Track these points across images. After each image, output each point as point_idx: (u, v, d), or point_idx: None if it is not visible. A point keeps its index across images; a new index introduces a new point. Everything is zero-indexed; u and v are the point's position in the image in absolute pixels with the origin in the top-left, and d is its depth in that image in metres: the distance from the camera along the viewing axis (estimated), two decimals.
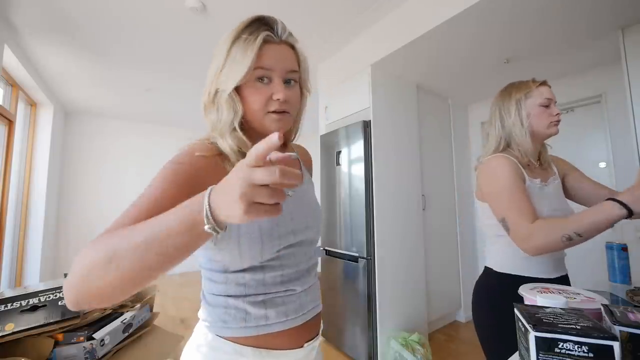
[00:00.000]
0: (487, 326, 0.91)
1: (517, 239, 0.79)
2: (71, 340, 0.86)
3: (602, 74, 2.16)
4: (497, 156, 0.90)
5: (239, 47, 0.51)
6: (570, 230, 0.71)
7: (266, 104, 0.52)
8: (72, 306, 0.38)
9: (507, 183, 0.84)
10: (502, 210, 0.84)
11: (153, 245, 0.34)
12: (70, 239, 3.81)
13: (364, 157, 2.05)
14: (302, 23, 2.02)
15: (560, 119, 0.92)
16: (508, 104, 0.94)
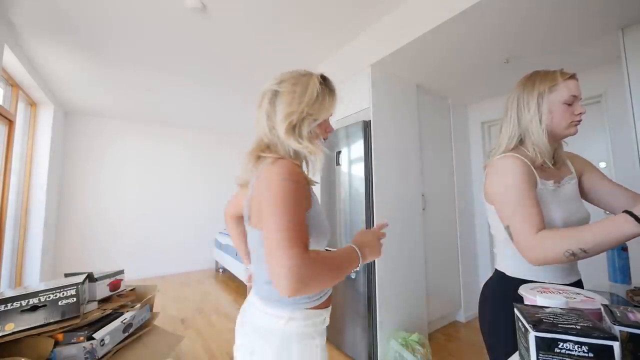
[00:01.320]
0: (497, 334, 0.85)
1: (519, 248, 0.75)
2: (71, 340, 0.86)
3: (602, 74, 2.15)
4: (507, 156, 0.82)
5: (331, 97, 0.74)
6: (575, 246, 0.66)
7: (326, 132, 0.77)
8: (290, 290, 0.53)
9: (514, 189, 0.77)
10: (507, 217, 0.78)
11: (341, 272, 0.63)
12: (70, 239, 3.81)
13: (364, 157, 2.05)
14: (302, 23, 2.02)
15: (582, 119, 0.82)
16: (529, 96, 0.84)
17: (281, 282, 0.52)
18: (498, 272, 0.91)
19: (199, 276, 4.37)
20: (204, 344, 2.29)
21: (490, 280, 0.93)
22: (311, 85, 0.70)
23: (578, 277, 0.86)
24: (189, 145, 4.83)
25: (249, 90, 3.21)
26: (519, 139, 0.86)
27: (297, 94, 0.69)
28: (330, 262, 0.60)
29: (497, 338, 0.85)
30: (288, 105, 0.68)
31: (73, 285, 0.92)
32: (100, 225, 4.03)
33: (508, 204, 0.78)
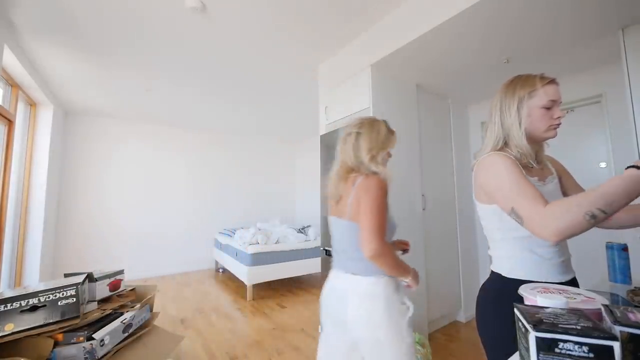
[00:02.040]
0: (497, 336, 0.85)
1: (534, 226, 0.69)
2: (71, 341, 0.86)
3: (602, 74, 2.16)
4: (494, 154, 0.86)
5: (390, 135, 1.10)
6: (593, 206, 0.61)
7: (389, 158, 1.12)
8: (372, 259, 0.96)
9: (510, 174, 0.78)
10: (510, 200, 0.76)
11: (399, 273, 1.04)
12: (70, 239, 3.81)
13: None
14: (302, 23, 2.02)
15: (560, 122, 0.86)
16: (510, 101, 0.88)
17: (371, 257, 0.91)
18: (494, 273, 0.91)
19: (198, 276, 4.37)
20: (204, 344, 2.29)
21: (487, 282, 0.93)
22: (382, 129, 1.08)
23: (573, 275, 0.87)
24: (189, 146, 4.83)
25: (249, 90, 3.21)
26: (503, 141, 0.89)
27: (374, 135, 1.05)
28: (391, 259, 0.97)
29: (498, 340, 0.85)
30: (369, 142, 1.04)
31: (73, 286, 0.91)
32: (99, 225, 4.03)
33: (507, 188, 0.77)
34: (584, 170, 2.30)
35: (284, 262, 3.58)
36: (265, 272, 3.42)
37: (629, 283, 0.97)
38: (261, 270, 3.38)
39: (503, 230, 0.87)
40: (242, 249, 3.49)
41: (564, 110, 2.43)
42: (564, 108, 2.42)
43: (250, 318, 2.81)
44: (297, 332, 2.50)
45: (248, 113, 4.05)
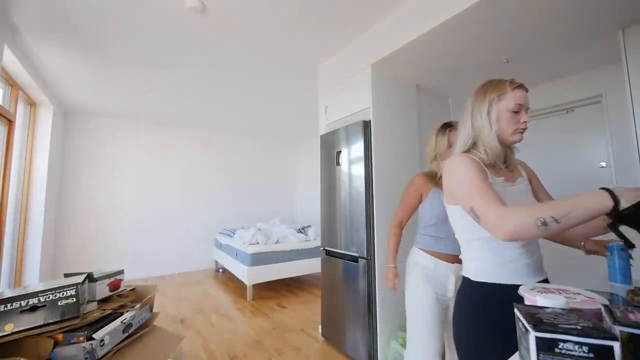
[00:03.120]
0: (466, 343, 0.86)
1: (488, 224, 0.72)
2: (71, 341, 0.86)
3: (602, 74, 2.16)
4: (457, 156, 0.89)
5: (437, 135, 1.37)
6: (546, 214, 0.63)
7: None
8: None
9: (470, 174, 0.81)
10: (469, 198, 0.78)
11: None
12: (70, 239, 3.81)
13: (364, 157, 2.05)
14: (302, 23, 2.02)
15: (526, 127, 0.89)
16: (481, 103, 0.91)
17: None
18: (464, 278, 0.90)
19: (198, 276, 4.37)
20: (204, 344, 2.29)
21: (460, 287, 0.93)
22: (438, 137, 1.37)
23: (544, 276, 0.86)
24: (189, 145, 4.83)
25: (249, 90, 3.21)
26: (472, 142, 0.92)
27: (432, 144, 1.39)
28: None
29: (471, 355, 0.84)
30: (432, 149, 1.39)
31: (73, 286, 0.91)
32: (100, 225, 4.03)
33: (467, 186, 0.79)
34: (584, 170, 2.30)
35: (284, 262, 3.58)
36: (265, 272, 3.42)
37: (629, 283, 0.97)
38: (261, 270, 3.38)
39: (470, 231, 0.87)
40: (242, 249, 3.49)
41: (564, 110, 2.43)
42: (563, 108, 2.42)
43: (250, 318, 2.81)
44: (297, 332, 2.50)
45: (248, 113, 4.05)
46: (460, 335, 0.87)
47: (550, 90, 2.44)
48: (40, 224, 3.10)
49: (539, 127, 2.58)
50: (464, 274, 0.91)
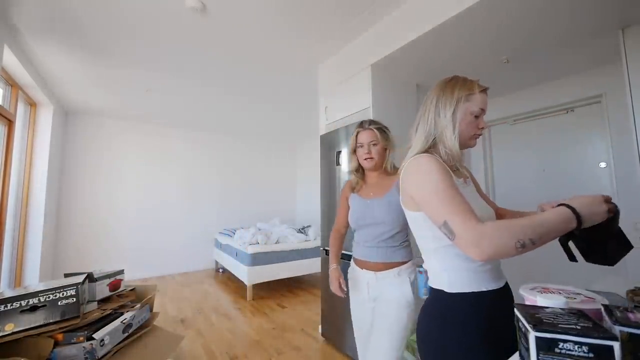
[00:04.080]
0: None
1: (465, 243, 0.65)
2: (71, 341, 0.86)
3: (602, 74, 2.16)
4: (423, 156, 0.79)
5: (353, 136, 1.30)
6: (525, 237, 0.61)
7: (362, 156, 1.25)
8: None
9: (442, 183, 0.72)
10: (442, 213, 0.69)
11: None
12: (70, 239, 3.81)
13: None
14: (302, 23, 2.02)
15: (482, 134, 0.86)
16: (448, 100, 0.84)
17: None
18: (436, 290, 0.81)
19: (198, 276, 4.37)
20: (204, 344, 2.29)
21: (429, 302, 0.83)
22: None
23: (505, 280, 0.83)
24: (189, 145, 4.83)
25: (249, 90, 3.21)
26: (433, 141, 0.85)
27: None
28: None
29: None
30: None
31: (73, 286, 0.91)
32: (100, 225, 4.03)
33: (439, 199, 0.70)
34: (584, 170, 2.30)
35: (284, 262, 3.58)
36: (265, 272, 3.42)
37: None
38: (261, 270, 3.38)
39: (437, 239, 0.78)
40: (242, 249, 3.49)
41: (564, 110, 2.43)
42: (563, 108, 2.42)
43: (250, 318, 2.81)
44: (297, 332, 2.50)
45: (248, 113, 4.05)
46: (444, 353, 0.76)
47: (550, 90, 2.44)
48: (40, 224, 3.10)
49: (539, 127, 2.58)
50: (434, 285, 0.82)
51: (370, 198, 1.25)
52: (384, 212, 1.18)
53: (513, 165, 2.73)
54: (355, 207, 1.29)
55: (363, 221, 1.24)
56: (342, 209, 1.38)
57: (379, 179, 1.29)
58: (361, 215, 1.25)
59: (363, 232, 1.26)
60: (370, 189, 1.28)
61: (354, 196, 1.32)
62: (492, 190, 2.87)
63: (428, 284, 0.85)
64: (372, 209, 1.22)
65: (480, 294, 0.75)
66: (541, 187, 2.50)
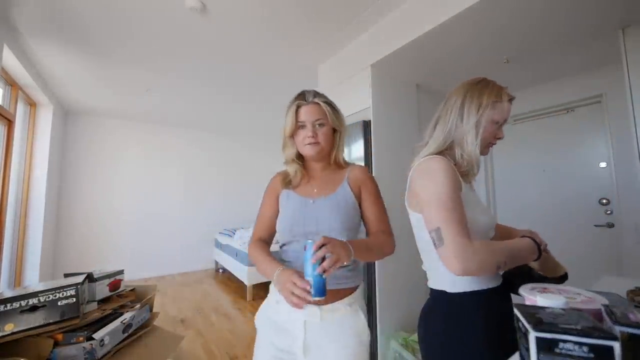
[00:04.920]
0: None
1: (450, 254, 0.67)
2: (71, 341, 0.86)
3: (602, 74, 2.15)
4: (436, 158, 0.78)
5: (289, 111, 0.92)
6: (503, 259, 0.68)
7: (303, 140, 0.92)
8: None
9: (447, 190, 0.72)
10: (437, 219, 0.70)
11: (261, 272, 0.87)
12: (70, 239, 3.81)
13: (364, 157, 2.05)
14: (302, 23, 2.02)
15: (496, 143, 0.85)
16: (476, 104, 0.79)
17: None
18: (436, 291, 0.81)
19: (198, 276, 4.37)
20: (204, 344, 2.29)
21: (430, 303, 0.83)
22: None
23: (502, 279, 0.83)
24: (189, 145, 4.83)
25: (249, 90, 3.21)
26: (451, 143, 0.82)
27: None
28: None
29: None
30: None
31: (73, 286, 0.91)
32: (100, 225, 4.02)
33: (440, 205, 0.71)
34: (584, 170, 2.30)
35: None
36: None
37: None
38: None
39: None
40: (242, 249, 3.49)
41: (564, 110, 2.43)
42: (563, 108, 2.42)
43: (250, 318, 2.81)
44: None
45: (248, 113, 4.05)
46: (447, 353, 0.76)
47: (550, 90, 2.44)
48: (40, 224, 3.10)
49: (539, 127, 2.58)
50: (434, 287, 0.82)
51: (312, 197, 0.92)
52: (333, 216, 0.87)
53: (513, 166, 2.72)
54: (290, 209, 0.93)
55: (301, 227, 0.88)
56: (267, 210, 0.99)
57: (324, 173, 0.97)
58: (299, 219, 0.89)
59: (298, 246, 0.87)
60: (313, 184, 0.95)
61: (289, 194, 0.96)
62: (492, 191, 2.87)
63: (428, 286, 0.85)
64: (316, 211, 0.89)
65: (475, 293, 0.76)
66: (541, 187, 2.50)
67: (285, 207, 0.95)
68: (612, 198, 2.11)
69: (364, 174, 0.98)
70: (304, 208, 0.91)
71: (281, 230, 0.94)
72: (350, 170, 0.98)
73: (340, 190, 0.92)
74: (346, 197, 0.92)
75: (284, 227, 0.92)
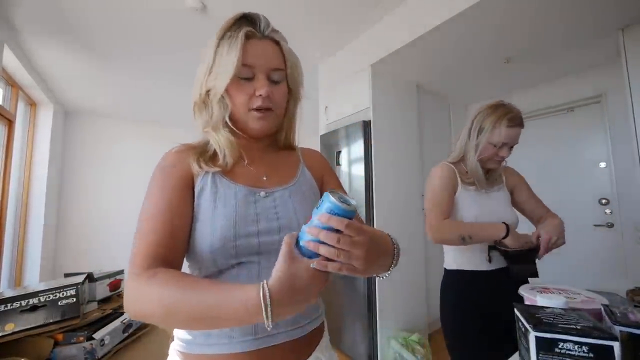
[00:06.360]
0: (448, 321, 1.04)
1: (427, 228, 1.00)
2: (71, 341, 0.86)
3: (602, 74, 2.15)
4: (438, 167, 1.06)
5: (224, 46, 0.55)
6: (465, 233, 0.93)
7: (249, 101, 0.54)
8: (132, 317, 0.47)
9: (436, 188, 1.02)
10: (426, 203, 1.04)
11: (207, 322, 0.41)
12: (70, 239, 3.81)
13: (364, 157, 2.05)
14: (302, 23, 2.02)
15: (503, 159, 1.02)
16: (477, 127, 1.00)
17: None
18: (445, 270, 1.10)
19: None
20: None
21: (442, 279, 1.10)
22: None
23: (504, 264, 0.99)
24: None
25: None
26: (464, 155, 1.05)
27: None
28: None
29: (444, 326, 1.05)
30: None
31: (73, 286, 0.92)
32: (100, 225, 4.02)
33: (429, 200, 1.03)
34: (584, 170, 2.30)
35: None
36: None
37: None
38: None
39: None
40: None
41: (564, 110, 2.43)
42: (563, 108, 2.42)
43: None
44: None
45: None
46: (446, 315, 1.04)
47: (550, 90, 2.44)
48: (41, 224, 3.10)
49: (539, 127, 2.58)
50: (444, 265, 1.10)
51: (263, 187, 0.57)
52: (301, 212, 0.56)
53: (513, 165, 2.71)
54: (229, 207, 0.52)
55: (253, 238, 0.51)
56: (169, 209, 0.51)
57: (268, 154, 0.64)
58: (246, 223, 0.52)
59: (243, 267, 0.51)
60: (260, 169, 0.61)
61: (216, 180, 0.55)
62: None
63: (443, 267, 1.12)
64: (274, 208, 0.55)
65: (465, 272, 1.02)
66: (541, 187, 2.48)
67: (215, 204, 0.52)
68: (612, 198, 2.11)
69: (325, 160, 0.72)
70: (253, 205, 0.54)
71: (210, 246, 0.49)
72: (303, 154, 0.69)
73: (301, 177, 0.63)
74: (311, 184, 0.64)
75: (218, 240, 0.49)
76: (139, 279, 0.44)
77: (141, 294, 0.43)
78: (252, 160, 0.61)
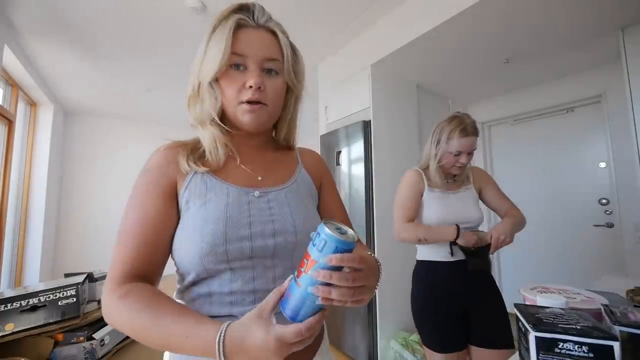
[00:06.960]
0: (417, 303, 1.20)
1: (394, 229, 1.17)
2: (71, 340, 0.86)
3: (602, 74, 2.16)
4: (406, 173, 1.22)
5: (215, 36, 0.53)
6: (421, 235, 1.09)
7: (239, 94, 0.51)
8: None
9: (402, 190, 1.18)
10: (394, 207, 1.19)
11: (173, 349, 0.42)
12: (70, 239, 3.81)
13: (364, 157, 2.05)
14: (302, 23, 2.02)
15: (464, 165, 1.12)
16: (435, 138, 1.14)
17: None
18: (417, 261, 1.23)
19: None
20: None
21: (414, 268, 1.24)
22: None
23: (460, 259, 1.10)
24: None
25: None
26: (428, 162, 1.18)
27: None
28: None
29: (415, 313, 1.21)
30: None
31: (73, 286, 0.92)
32: (100, 225, 4.02)
33: (396, 204, 1.19)
34: (584, 170, 2.30)
35: None
36: None
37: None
38: None
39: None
40: None
41: (564, 110, 2.43)
42: (563, 108, 2.42)
43: None
44: None
45: None
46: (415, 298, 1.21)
47: (550, 90, 2.44)
48: (41, 224, 3.10)
49: (539, 127, 2.58)
50: (417, 257, 1.24)
51: (257, 187, 0.55)
52: (299, 215, 0.54)
53: (513, 165, 2.72)
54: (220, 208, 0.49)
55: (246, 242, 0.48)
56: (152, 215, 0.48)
57: (263, 153, 0.60)
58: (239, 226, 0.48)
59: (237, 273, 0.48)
60: (255, 168, 0.57)
61: (205, 180, 0.53)
62: None
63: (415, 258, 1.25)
64: (269, 210, 0.52)
65: (430, 262, 1.16)
66: (541, 187, 2.50)
67: (205, 206, 0.49)
68: (612, 198, 2.12)
69: (324, 163, 0.68)
70: (246, 206, 0.51)
71: (199, 251, 0.46)
72: (302, 154, 0.66)
73: (298, 177, 0.60)
74: (308, 186, 0.61)
75: (207, 244, 0.46)
76: (111, 294, 0.43)
77: (112, 312, 0.43)
78: (245, 159, 0.57)
